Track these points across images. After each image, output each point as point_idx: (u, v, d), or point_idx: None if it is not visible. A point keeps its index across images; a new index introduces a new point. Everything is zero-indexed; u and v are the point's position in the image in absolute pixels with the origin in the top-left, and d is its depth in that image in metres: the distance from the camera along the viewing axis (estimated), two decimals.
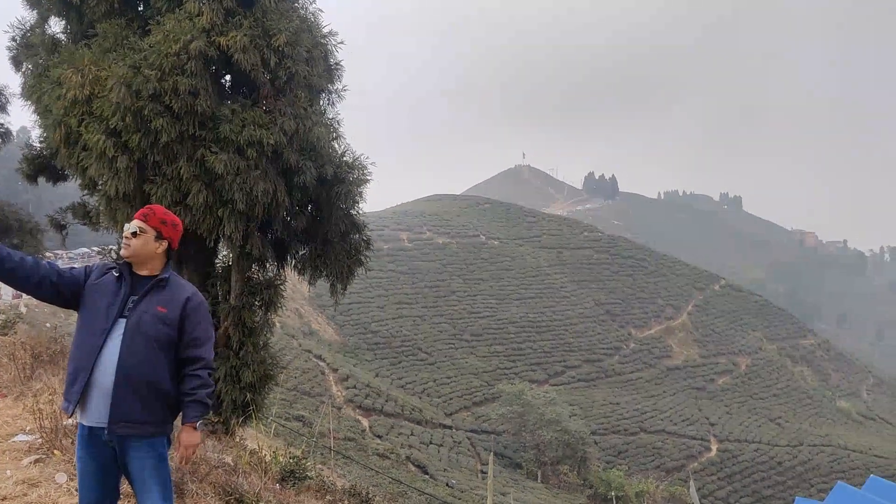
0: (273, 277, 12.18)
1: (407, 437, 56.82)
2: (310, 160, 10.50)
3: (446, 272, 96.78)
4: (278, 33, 10.12)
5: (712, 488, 68.27)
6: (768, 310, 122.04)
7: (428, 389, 70.60)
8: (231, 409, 11.56)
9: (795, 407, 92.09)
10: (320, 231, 11.61)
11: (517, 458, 62.16)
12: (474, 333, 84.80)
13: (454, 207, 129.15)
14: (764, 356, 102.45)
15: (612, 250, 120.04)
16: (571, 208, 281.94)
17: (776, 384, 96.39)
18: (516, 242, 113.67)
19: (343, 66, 11.37)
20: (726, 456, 73.53)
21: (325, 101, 11.41)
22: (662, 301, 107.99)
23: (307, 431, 36.92)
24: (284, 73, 10.34)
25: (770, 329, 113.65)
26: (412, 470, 46.99)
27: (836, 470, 74.55)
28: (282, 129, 10.15)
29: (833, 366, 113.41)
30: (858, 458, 78.88)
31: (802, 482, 72.59)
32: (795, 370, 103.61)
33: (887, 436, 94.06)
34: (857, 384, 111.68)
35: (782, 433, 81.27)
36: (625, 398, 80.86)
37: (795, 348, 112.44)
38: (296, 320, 75.01)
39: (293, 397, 56.86)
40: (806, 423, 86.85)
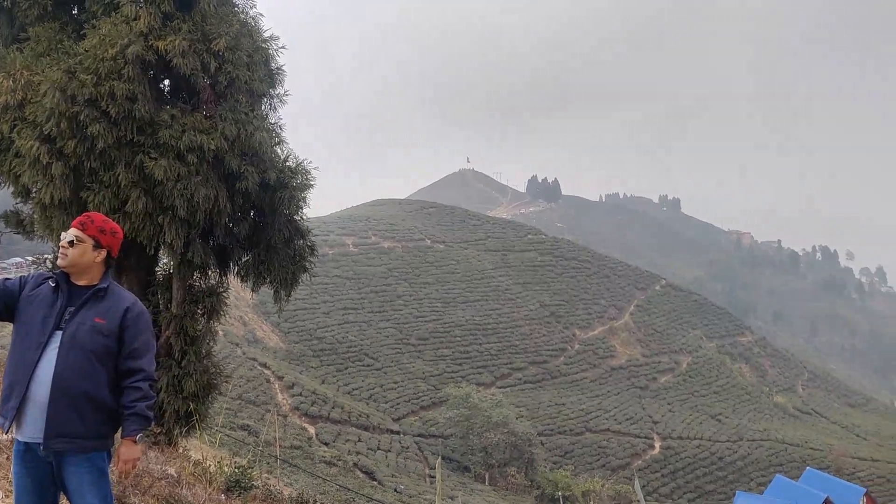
0: (215, 285, 11.99)
1: (354, 443, 56.47)
2: (252, 165, 10.39)
3: (392, 277, 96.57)
4: (218, 37, 9.99)
5: (656, 485, 69.69)
6: (707, 308, 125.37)
7: (375, 395, 70.30)
8: (174, 419, 11.33)
9: (735, 403, 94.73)
10: (263, 237, 11.49)
11: (465, 461, 62.37)
12: (421, 338, 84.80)
13: (399, 212, 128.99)
14: (704, 354, 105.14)
15: (556, 252, 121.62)
16: (515, 211, 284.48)
17: (716, 381, 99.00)
18: (461, 246, 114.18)
19: (284, 71, 11.28)
20: (669, 453, 75.16)
21: (267, 105, 11.30)
22: (605, 302, 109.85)
23: (253, 441, 36.36)
24: (225, 77, 10.21)
25: (709, 327, 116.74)
26: (360, 476, 46.72)
27: (774, 463, 76.95)
28: (223, 134, 10.03)
29: (769, 362, 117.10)
30: (795, 451, 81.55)
31: (743, 476, 74.67)
32: (734, 367, 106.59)
33: (822, 429, 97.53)
34: (792, 379, 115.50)
35: (722, 429, 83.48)
36: (570, 399, 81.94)
37: (734, 346, 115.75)
38: (240, 328, 73.82)
39: (238, 406, 55.91)
40: (745, 419, 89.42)
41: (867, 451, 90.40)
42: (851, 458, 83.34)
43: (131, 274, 11.45)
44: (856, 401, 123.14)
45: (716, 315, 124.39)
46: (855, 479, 72.92)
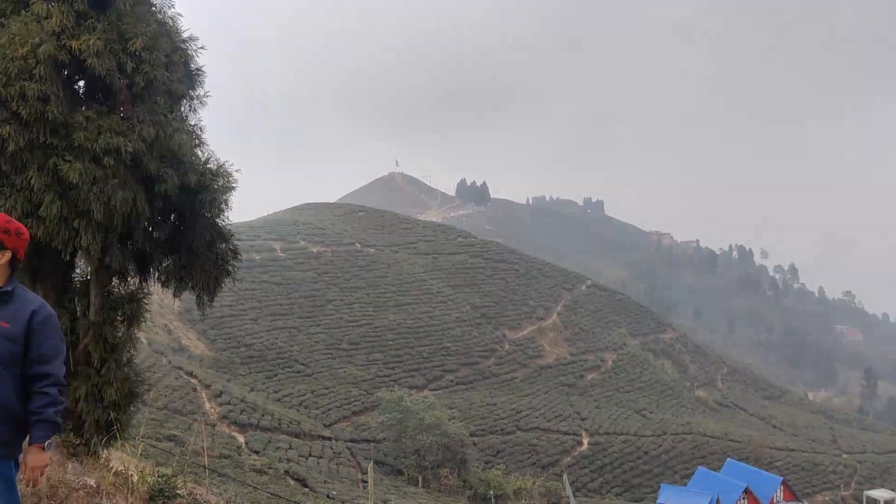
0: (135, 291, 11.73)
1: (285, 450, 55.76)
2: (171, 168, 10.23)
3: (322, 281, 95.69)
4: (135, 37, 9.81)
5: (585, 481, 71.16)
6: (630, 307, 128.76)
7: (306, 401, 69.53)
8: (94, 429, 11.03)
9: (658, 398, 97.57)
10: (185, 241, 11.31)
11: (398, 464, 62.35)
12: (352, 342, 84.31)
13: (329, 216, 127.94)
14: (628, 351, 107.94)
15: (486, 255, 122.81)
16: (445, 214, 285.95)
17: (640, 377, 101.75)
18: (392, 249, 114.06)
19: (205, 72, 11.14)
20: (597, 449, 76.85)
21: (187, 107, 11.14)
22: (534, 302, 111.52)
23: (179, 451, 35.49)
24: (142, 78, 10.03)
25: (633, 325, 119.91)
26: (291, 484, 46.15)
27: (697, 456, 79.63)
28: (140, 136, 9.85)
29: (690, 358, 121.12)
30: (716, 444, 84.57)
31: (667, 469, 77.00)
32: (657, 363, 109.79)
33: (741, 421, 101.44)
34: (712, 374, 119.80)
35: (647, 424, 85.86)
36: (501, 398, 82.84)
37: (656, 343, 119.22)
38: (164, 337, 71.91)
39: (164, 416, 54.47)
40: (668, 413, 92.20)
41: (783, 441, 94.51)
42: (769, 448, 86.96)
43: (46, 280, 11.11)
44: (772, 393, 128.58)
45: (639, 313, 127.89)
46: (773, 469, 76.21)
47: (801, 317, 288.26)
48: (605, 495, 69.50)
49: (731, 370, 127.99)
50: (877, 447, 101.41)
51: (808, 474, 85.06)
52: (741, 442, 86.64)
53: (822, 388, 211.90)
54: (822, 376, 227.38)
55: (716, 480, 49.50)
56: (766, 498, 48.46)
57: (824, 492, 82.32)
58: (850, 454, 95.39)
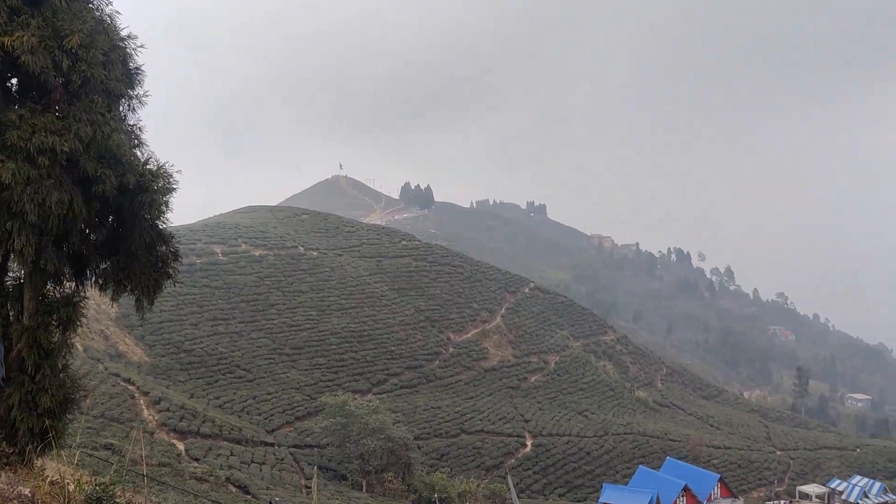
0: (71, 294, 11.41)
1: (226, 457, 54.82)
2: (109, 168, 9.99)
3: (264, 285, 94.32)
4: (71, 34, 9.55)
5: (529, 482, 71.87)
6: (573, 309, 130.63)
7: (248, 407, 68.46)
8: (28, 437, 10.68)
9: (600, 399, 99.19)
10: (123, 243, 11.04)
11: (342, 469, 61.91)
12: (295, 347, 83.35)
13: (271, 219, 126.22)
14: (570, 353, 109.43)
15: (430, 258, 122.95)
16: (389, 218, 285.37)
17: (582, 379, 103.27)
18: (336, 253, 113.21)
19: (144, 71, 10.90)
20: (540, 450, 77.70)
21: (126, 106, 10.89)
22: (478, 305, 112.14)
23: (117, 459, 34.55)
24: (79, 76, 9.77)
25: (575, 327, 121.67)
26: (233, 491, 45.38)
27: (637, 455, 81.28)
28: (77, 136, 9.59)
29: (631, 359, 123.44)
30: (656, 443, 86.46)
31: (609, 469, 78.36)
32: (598, 365, 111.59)
33: (680, 420, 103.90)
34: (652, 375, 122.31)
35: (589, 424, 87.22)
36: (445, 402, 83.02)
37: (598, 344, 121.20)
38: (101, 343, 69.89)
39: (101, 425, 53.01)
40: (610, 414, 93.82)
41: (720, 439, 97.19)
42: (707, 446, 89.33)
43: None
44: (709, 393, 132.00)
45: (581, 316, 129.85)
46: (710, 467, 78.31)
47: (737, 318, 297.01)
48: (548, 496, 70.27)
49: (670, 371, 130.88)
50: (808, 444, 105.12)
51: (743, 471, 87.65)
52: (680, 441, 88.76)
53: (756, 387, 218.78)
54: (756, 375, 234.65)
55: (656, 479, 50.60)
56: (704, 495, 49.72)
57: (759, 488, 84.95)
58: (784, 451, 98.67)
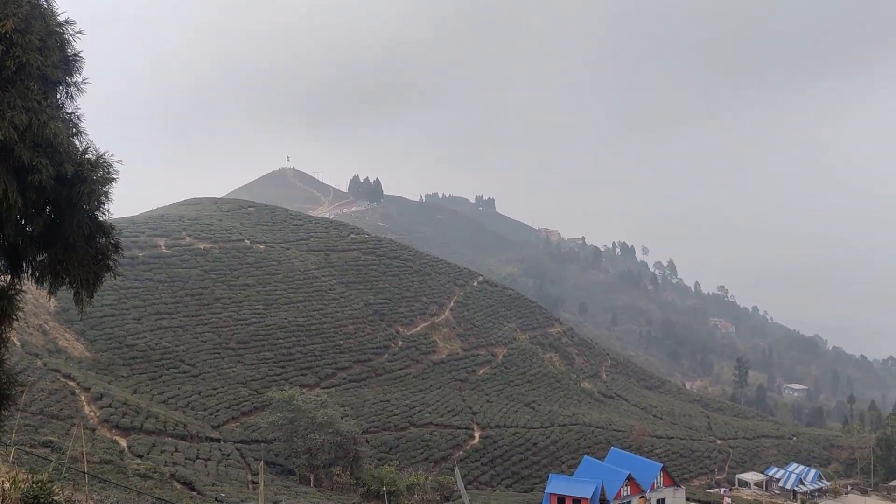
0: (6, 287, 11.03)
1: (171, 454, 53.93)
2: (46, 157, 9.68)
3: (209, 279, 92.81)
4: (5, 18, 9.23)
5: (477, 474, 72.52)
6: (520, 302, 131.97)
7: (193, 403, 67.41)
8: None
9: (547, 391, 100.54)
10: (61, 235, 10.71)
11: (289, 464, 61.50)
12: (241, 341, 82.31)
13: (216, 211, 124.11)
14: (518, 346, 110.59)
15: (379, 251, 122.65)
16: (338, 211, 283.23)
17: (529, 371, 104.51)
18: (283, 246, 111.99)
19: (83, 58, 10.57)
20: (488, 442, 78.45)
21: (63, 93, 10.54)
22: (427, 299, 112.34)
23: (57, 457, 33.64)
24: (13, 62, 9.44)
25: (522, 320, 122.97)
26: (178, 488, 44.64)
27: (583, 445, 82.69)
28: (11, 124, 9.27)
29: (577, 350, 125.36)
30: (601, 433, 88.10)
31: (555, 460, 79.56)
32: (545, 357, 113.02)
33: (624, 411, 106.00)
34: (597, 366, 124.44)
35: (536, 416, 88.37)
36: (394, 395, 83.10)
37: (545, 337, 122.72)
38: (40, 338, 67.89)
39: (39, 422, 51.65)
40: (556, 405, 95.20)
41: (663, 429, 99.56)
42: (650, 436, 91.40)
43: None
44: (652, 383, 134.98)
45: (528, 308, 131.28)
46: (653, 456, 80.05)
47: (679, 310, 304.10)
48: (496, 487, 71.01)
49: (614, 362, 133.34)
50: (747, 432, 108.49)
51: (685, 460, 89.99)
52: (624, 431, 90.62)
53: (698, 377, 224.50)
54: (698, 366, 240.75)
55: (601, 469, 51.50)
56: (647, 484, 50.79)
57: (700, 476, 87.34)
58: (724, 440, 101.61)
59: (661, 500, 51.35)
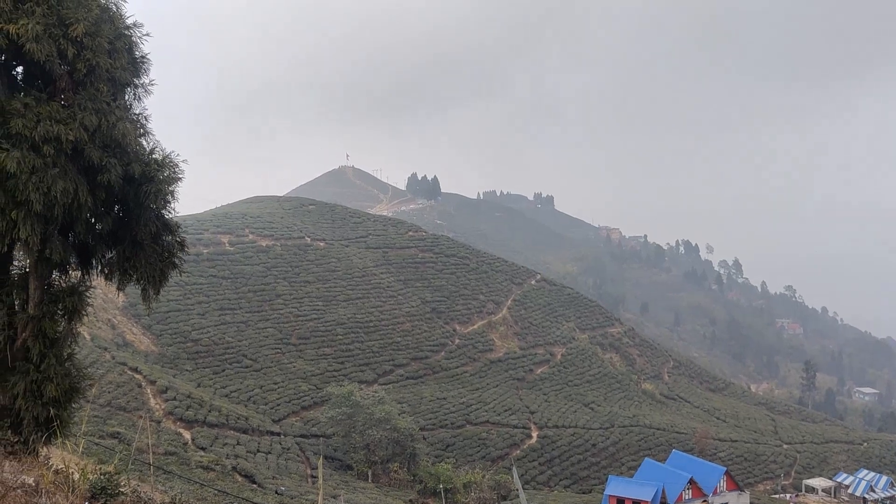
0: (77, 283, 11.37)
1: (233, 447, 55.07)
2: (115, 157, 9.93)
3: (271, 275, 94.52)
4: (76, 22, 9.48)
5: (534, 474, 71.97)
6: (579, 301, 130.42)
7: (254, 397, 68.73)
8: (32, 426, 10.67)
9: (606, 391, 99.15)
10: (129, 233, 10.99)
11: (347, 459, 62.13)
12: (301, 337, 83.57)
13: (278, 209, 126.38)
14: (577, 345, 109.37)
15: (436, 249, 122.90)
16: (396, 209, 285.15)
17: (588, 371, 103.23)
18: (342, 243, 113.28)
19: (150, 59, 10.83)
20: (546, 442, 77.76)
21: (131, 95, 10.81)
22: (484, 297, 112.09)
23: (124, 448, 34.71)
24: (84, 65, 9.70)
25: (581, 319, 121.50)
26: (239, 480, 45.56)
27: (643, 447, 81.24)
28: (82, 125, 9.53)
29: (638, 351, 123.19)
30: (662, 436, 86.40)
31: (615, 461, 78.34)
32: (605, 357, 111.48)
33: (686, 413, 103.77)
34: (659, 367, 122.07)
35: (595, 416, 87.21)
36: (451, 393, 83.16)
37: (604, 336, 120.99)
38: (108, 332, 70.21)
39: (107, 413, 53.33)
40: (616, 406, 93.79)
41: (727, 432, 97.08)
42: (713, 439, 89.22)
43: None
44: (716, 385, 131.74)
45: (587, 307, 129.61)
46: (716, 460, 78.15)
47: (745, 310, 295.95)
48: (553, 487, 70.34)
49: (676, 363, 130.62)
50: (815, 437, 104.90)
51: (749, 464, 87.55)
52: (686, 433, 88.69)
53: (763, 380, 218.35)
54: (763, 369, 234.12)
55: (662, 471, 50.52)
56: (709, 488, 49.61)
57: (765, 481, 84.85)
58: (790, 444, 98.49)
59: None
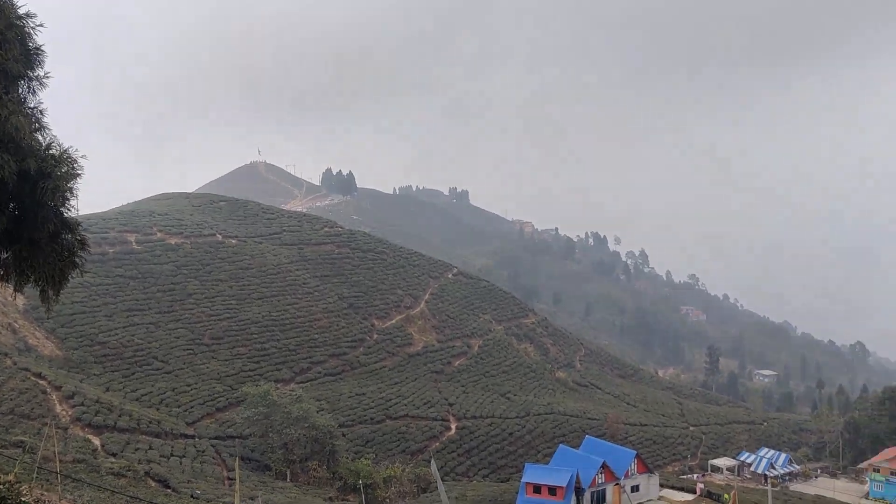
0: None
1: (145, 451, 53.41)
2: (8, 153, 9.53)
3: (181, 274, 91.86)
4: None
5: (453, 465, 72.76)
6: (495, 294, 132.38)
7: (166, 400, 66.79)
8: None
9: (522, 381, 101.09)
10: (25, 231, 10.56)
11: (265, 459, 61.21)
12: (215, 337, 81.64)
13: (187, 206, 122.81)
14: (493, 336, 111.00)
15: (353, 245, 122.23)
16: (311, 204, 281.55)
17: (505, 361, 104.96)
18: (255, 240, 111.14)
19: (45, 52, 10.41)
20: (464, 433, 78.71)
21: (25, 88, 10.37)
22: (402, 291, 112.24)
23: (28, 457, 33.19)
24: None
25: (497, 311, 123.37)
26: (153, 485, 44.26)
27: (558, 434, 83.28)
28: None
29: (551, 341, 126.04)
30: (576, 422, 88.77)
31: (531, 449, 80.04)
32: (520, 347, 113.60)
33: (598, 399, 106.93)
34: (571, 356, 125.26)
35: (512, 406, 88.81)
36: (370, 388, 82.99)
37: (519, 327, 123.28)
38: (9, 336, 66.77)
39: (10, 422, 50.88)
40: (531, 395, 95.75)
41: (636, 417, 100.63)
42: (624, 424, 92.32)
43: None
44: (625, 372, 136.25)
45: (503, 299, 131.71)
46: (627, 444, 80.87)
47: (651, 299, 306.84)
48: (472, 478, 71.29)
49: (588, 351, 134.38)
50: (719, 419, 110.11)
51: (658, 447, 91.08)
52: (598, 419, 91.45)
53: (670, 365, 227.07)
54: (670, 354, 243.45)
55: (576, 457, 51.88)
56: (621, 471, 51.28)
57: (674, 462, 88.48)
58: (696, 426, 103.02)
59: (636, 486, 51.90)
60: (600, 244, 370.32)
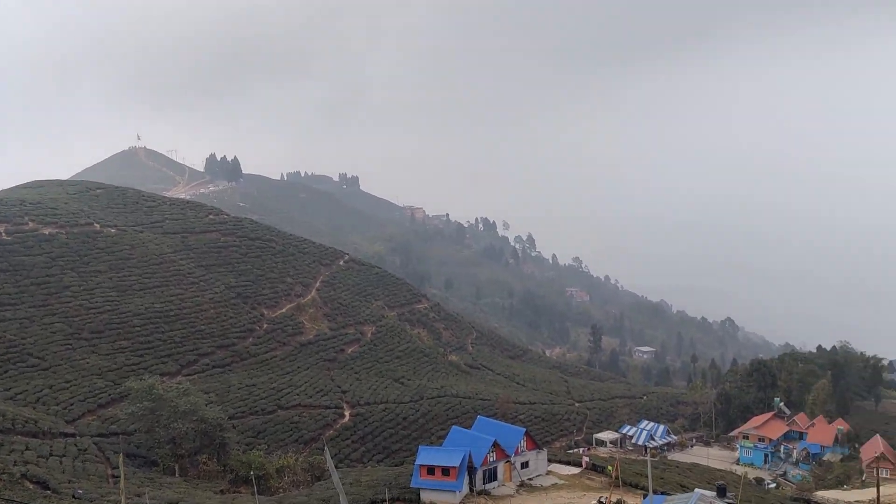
0: None
1: (21, 452, 50.74)
2: None
3: (56, 266, 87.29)
4: None
5: (348, 452, 73.12)
6: (387, 280, 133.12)
7: (43, 398, 63.62)
8: None
9: (415, 365, 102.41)
10: None
11: (152, 455, 59.52)
12: (94, 331, 78.24)
13: (61, 194, 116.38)
14: (386, 323, 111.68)
15: (239, 232, 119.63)
16: (194, 191, 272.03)
17: (398, 347, 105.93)
18: (136, 229, 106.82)
19: None
20: (358, 420, 79.15)
21: None
22: (292, 279, 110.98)
23: None
24: None
25: (390, 297, 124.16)
26: (31, 487, 42.38)
27: (451, 416, 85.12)
28: None
29: (443, 325, 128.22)
30: (468, 403, 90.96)
31: (425, 432, 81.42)
32: (413, 332, 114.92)
33: (490, 381, 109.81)
34: (463, 339, 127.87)
35: (405, 391, 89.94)
36: (261, 378, 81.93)
37: (412, 313, 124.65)
38: None
39: None
40: (425, 379, 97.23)
41: (526, 395, 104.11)
42: (514, 403, 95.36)
43: None
44: (515, 353, 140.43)
45: (395, 286, 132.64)
46: (517, 422, 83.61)
47: (538, 282, 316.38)
48: (367, 463, 71.88)
49: (479, 334, 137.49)
50: (602, 394, 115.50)
51: (547, 424, 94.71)
52: (490, 399, 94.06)
53: (556, 345, 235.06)
54: (556, 335, 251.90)
55: (468, 437, 53.30)
56: (511, 449, 53.11)
57: (561, 438, 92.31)
58: (581, 402, 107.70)
59: (525, 462, 53.90)
60: (490, 229, 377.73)
